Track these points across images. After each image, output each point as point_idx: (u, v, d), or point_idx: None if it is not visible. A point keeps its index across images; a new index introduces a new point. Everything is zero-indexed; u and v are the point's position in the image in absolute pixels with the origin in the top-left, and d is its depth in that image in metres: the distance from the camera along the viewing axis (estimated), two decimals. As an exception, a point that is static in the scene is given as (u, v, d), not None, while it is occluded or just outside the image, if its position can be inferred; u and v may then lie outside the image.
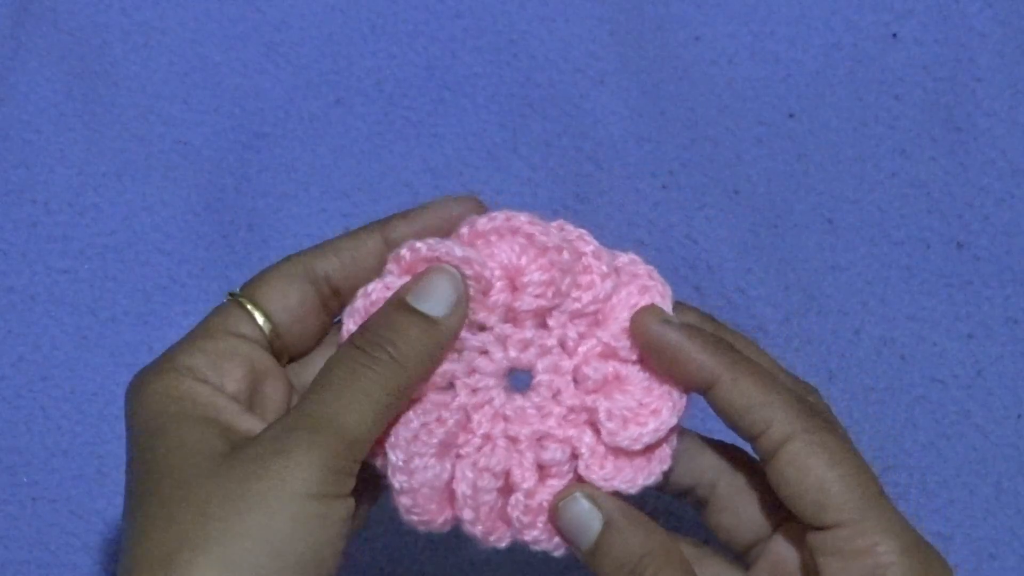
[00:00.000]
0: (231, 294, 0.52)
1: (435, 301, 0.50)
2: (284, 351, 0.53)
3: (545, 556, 0.71)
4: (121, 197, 0.76)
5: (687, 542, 0.55)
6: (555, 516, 0.51)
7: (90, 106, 0.77)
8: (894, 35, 0.77)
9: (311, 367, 0.53)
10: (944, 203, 0.75)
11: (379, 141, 0.77)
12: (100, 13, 0.79)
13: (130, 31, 0.78)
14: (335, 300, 0.53)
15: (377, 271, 0.52)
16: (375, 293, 0.51)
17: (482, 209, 0.53)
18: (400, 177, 0.76)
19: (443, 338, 0.50)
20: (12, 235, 0.75)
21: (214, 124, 0.77)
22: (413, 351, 0.49)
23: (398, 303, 0.50)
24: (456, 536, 0.71)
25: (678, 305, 0.54)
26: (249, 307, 0.52)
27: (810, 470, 0.49)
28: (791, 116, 0.77)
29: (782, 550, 0.52)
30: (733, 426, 0.50)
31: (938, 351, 0.73)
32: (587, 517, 0.51)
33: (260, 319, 0.51)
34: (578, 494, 0.51)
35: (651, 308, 0.51)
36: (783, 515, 0.52)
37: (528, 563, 0.70)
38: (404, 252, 0.51)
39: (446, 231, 0.53)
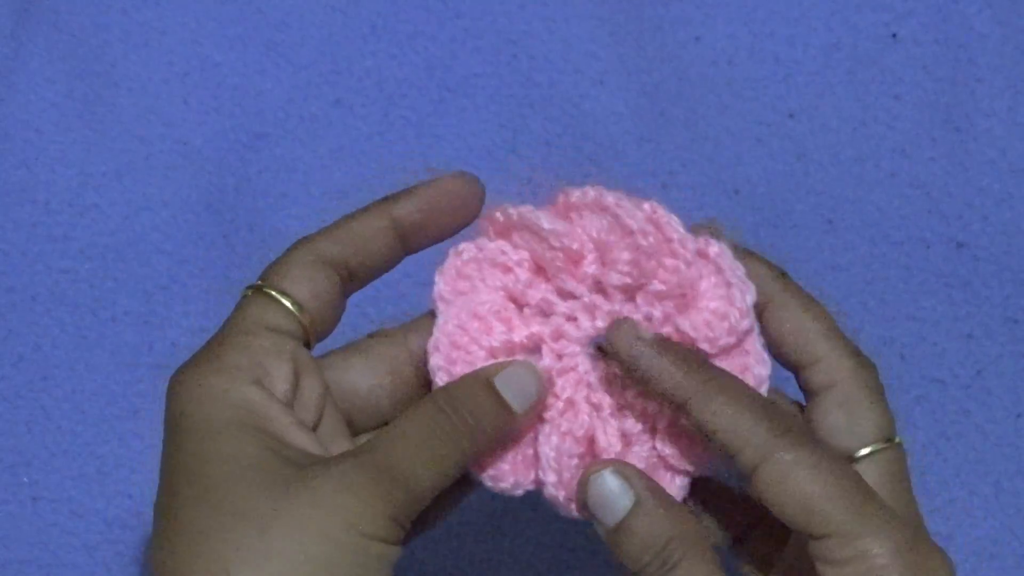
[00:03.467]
0: (252, 287, 0.51)
1: (517, 395, 0.51)
2: (311, 340, 0.52)
3: (550, 554, 0.71)
4: (121, 197, 0.75)
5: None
6: (582, 489, 0.51)
7: (90, 106, 0.77)
8: (894, 35, 0.77)
9: (340, 361, 0.53)
10: (944, 203, 0.75)
11: (379, 141, 0.77)
12: (100, 13, 0.79)
13: (130, 31, 0.78)
14: (351, 284, 0.53)
15: (386, 251, 0.53)
16: (466, 253, 0.53)
17: (478, 185, 0.54)
18: (400, 177, 0.76)
19: (513, 430, 0.51)
20: (12, 235, 0.75)
21: (214, 124, 0.77)
22: (490, 428, 0.50)
23: (485, 383, 0.50)
24: (456, 536, 0.71)
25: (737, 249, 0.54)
26: (281, 299, 0.50)
27: (789, 489, 0.48)
28: (791, 116, 0.77)
29: (798, 557, 0.52)
30: (711, 443, 0.50)
31: (938, 351, 0.73)
32: (617, 494, 0.50)
33: (295, 310, 0.50)
34: (609, 469, 0.50)
35: (626, 322, 0.51)
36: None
37: (529, 563, 0.70)
38: (498, 215, 0.53)
39: (446, 206, 0.54)
